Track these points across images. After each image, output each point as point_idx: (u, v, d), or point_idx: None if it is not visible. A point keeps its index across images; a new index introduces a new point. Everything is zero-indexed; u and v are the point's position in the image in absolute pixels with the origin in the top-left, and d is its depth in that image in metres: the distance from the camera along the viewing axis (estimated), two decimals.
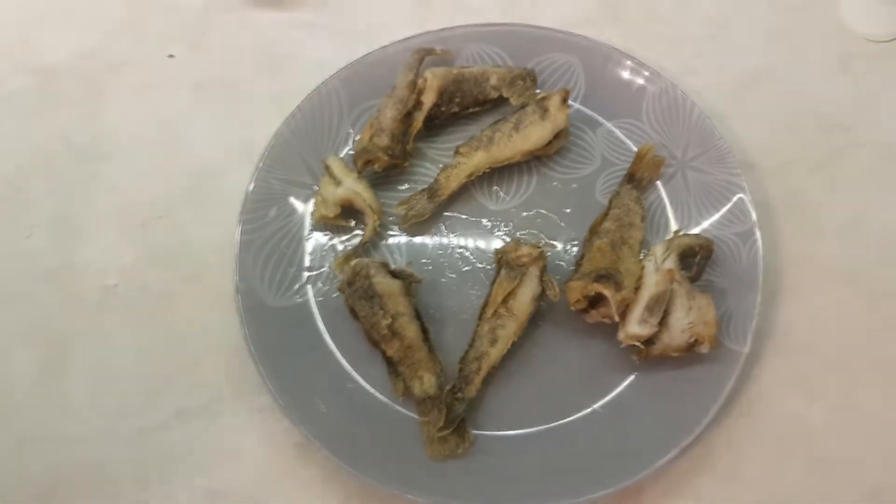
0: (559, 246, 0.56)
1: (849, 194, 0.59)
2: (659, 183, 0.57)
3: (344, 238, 0.56)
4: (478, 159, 0.56)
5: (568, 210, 0.57)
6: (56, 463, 0.51)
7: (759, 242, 0.53)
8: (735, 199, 0.54)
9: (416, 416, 0.50)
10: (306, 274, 0.54)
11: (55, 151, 0.61)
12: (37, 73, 0.64)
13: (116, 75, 0.63)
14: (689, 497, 0.50)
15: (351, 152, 0.57)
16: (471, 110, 0.59)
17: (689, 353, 0.50)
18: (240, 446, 0.51)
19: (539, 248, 0.52)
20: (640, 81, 0.58)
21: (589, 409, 0.50)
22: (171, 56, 0.64)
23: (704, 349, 0.49)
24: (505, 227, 0.56)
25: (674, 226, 0.56)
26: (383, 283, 0.50)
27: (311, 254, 0.55)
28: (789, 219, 0.58)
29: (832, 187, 0.59)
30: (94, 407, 0.53)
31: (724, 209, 0.54)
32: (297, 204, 0.56)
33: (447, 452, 0.48)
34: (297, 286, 0.54)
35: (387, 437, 0.49)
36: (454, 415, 0.49)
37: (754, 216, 0.53)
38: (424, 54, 0.59)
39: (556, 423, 0.50)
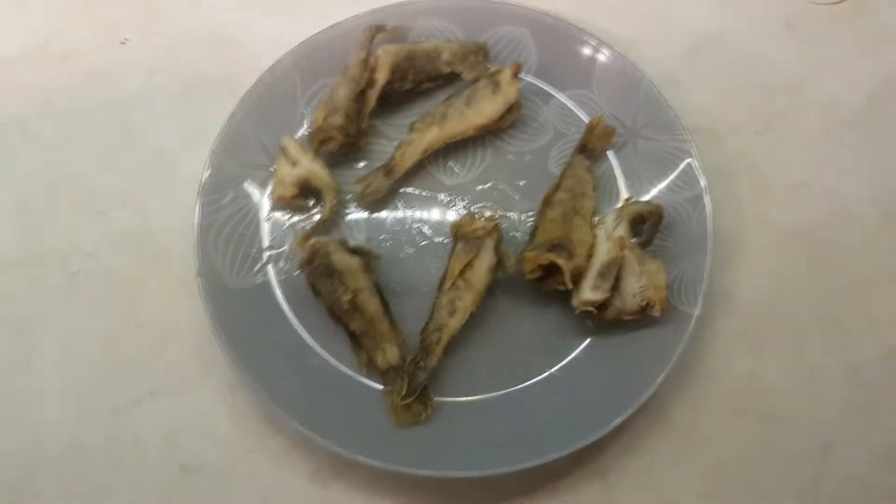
0: (514, 217, 0.57)
1: (795, 156, 0.60)
2: (610, 152, 0.58)
3: (303, 217, 0.56)
4: (432, 135, 0.56)
5: (522, 182, 0.58)
6: (28, 447, 0.52)
7: (709, 207, 0.54)
8: (683, 165, 0.55)
9: (380, 387, 0.51)
10: (267, 254, 0.55)
11: (12, 141, 0.61)
12: None
13: (70, 63, 0.63)
14: (646, 454, 0.52)
15: (307, 132, 0.58)
16: (424, 86, 0.59)
17: (642, 317, 0.51)
18: (210, 423, 0.52)
19: (494, 220, 0.53)
20: (590, 52, 0.59)
21: (546, 374, 0.52)
22: (123, 42, 0.64)
23: (656, 312, 0.51)
24: (461, 201, 0.57)
25: (625, 194, 0.57)
26: (342, 260, 0.51)
27: (270, 234, 0.56)
28: (738, 182, 0.59)
29: (779, 149, 0.61)
30: (64, 391, 0.53)
31: (674, 175, 0.56)
32: (255, 185, 0.56)
33: (411, 420, 0.50)
34: (258, 266, 0.54)
35: (353, 408, 0.50)
36: (416, 383, 0.50)
37: (703, 181, 0.54)
38: (376, 31, 0.59)
39: (516, 388, 0.51)
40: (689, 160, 0.55)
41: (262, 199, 0.56)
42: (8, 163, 0.60)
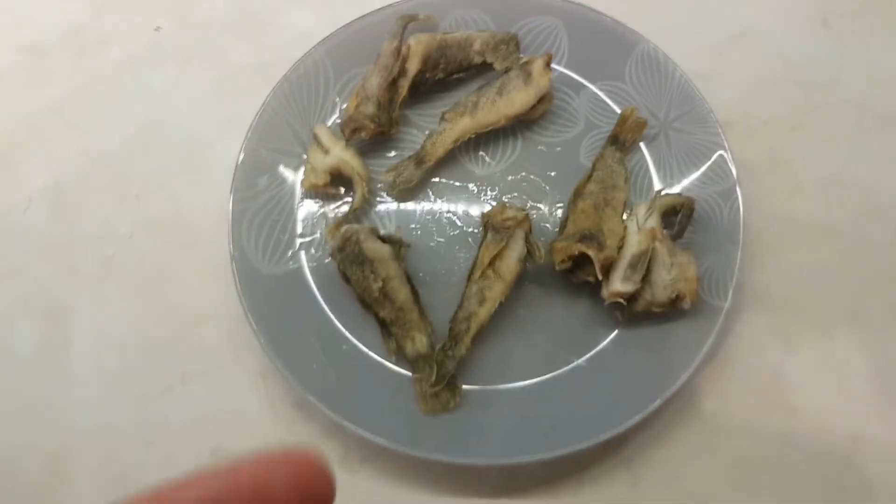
0: (544, 208, 0.57)
1: (827, 152, 0.60)
2: (642, 144, 0.58)
3: (334, 205, 0.57)
4: (463, 125, 0.57)
5: (553, 173, 0.58)
6: (62, 430, 0.53)
7: (740, 200, 0.54)
8: (716, 158, 0.55)
9: (409, 374, 0.52)
10: (299, 241, 0.55)
11: (48, 127, 0.62)
12: (27, 51, 0.65)
13: (105, 50, 0.64)
14: (672, 445, 0.52)
15: (338, 121, 0.58)
16: (455, 76, 0.59)
17: (672, 309, 0.51)
18: (241, 407, 0.53)
19: (524, 211, 0.53)
20: (622, 44, 0.59)
21: (574, 364, 0.52)
22: (157, 29, 0.65)
23: (686, 305, 0.51)
24: (491, 191, 0.57)
25: (657, 186, 0.57)
26: (373, 248, 0.51)
27: (302, 221, 0.56)
28: (769, 177, 0.59)
29: (811, 145, 0.60)
30: (97, 374, 0.54)
31: (706, 168, 0.55)
32: (288, 173, 0.57)
33: (440, 407, 0.50)
34: (290, 253, 0.55)
35: (382, 395, 0.51)
36: (445, 371, 0.50)
37: (735, 175, 0.54)
38: (408, 21, 0.59)
39: (544, 378, 0.52)
40: (721, 153, 0.55)
41: (295, 187, 0.57)
42: (43, 148, 0.61)
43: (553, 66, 0.58)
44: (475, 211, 0.57)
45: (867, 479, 0.51)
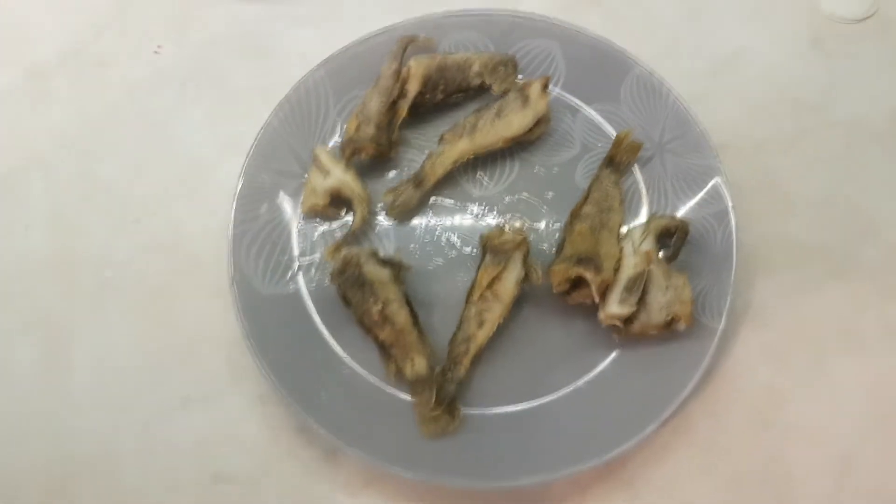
0: (542, 229, 0.57)
1: (819, 173, 0.61)
2: (636, 166, 0.58)
3: (334, 226, 0.57)
4: (462, 147, 0.57)
5: (550, 194, 0.58)
6: (62, 454, 0.53)
7: (734, 223, 0.54)
8: (710, 181, 0.56)
9: (409, 398, 0.52)
10: (298, 262, 0.56)
11: (47, 149, 0.62)
12: (25, 72, 0.64)
13: (104, 71, 0.64)
14: (671, 464, 0.52)
15: (339, 142, 0.58)
16: (454, 98, 0.60)
17: (667, 331, 0.52)
18: (242, 432, 0.53)
19: (522, 233, 0.54)
20: (618, 66, 0.60)
21: (573, 386, 0.52)
22: (157, 50, 0.65)
23: (681, 327, 0.51)
24: (490, 212, 0.58)
25: (651, 208, 0.57)
26: (373, 271, 0.52)
27: (302, 243, 0.56)
28: (762, 197, 0.60)
29: (803, 166, 0.61)
30: (97, 398, 0.54)
31: (700, 191, 0.56)
32: (288, 195, 0.57)
33: (440, 430, 0.50)
34: (289, 274, 0.55)
35: (382, 419, 0.51)
36: (445, 394, 0.51)
37: (729, 198, 0.55)
38: (407, 43, 0.59)
39: (543, 400, 0.52)
40: (716, 177, 0.56)
41: (295, 208, 0.57)
42: (42, 170, 0.61)
43: (549, 88, 0.59)
44: (474, 232, 0.57)
45: (860, 498, 0.52)
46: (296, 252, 0.56)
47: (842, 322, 0.56)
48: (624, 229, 0.56)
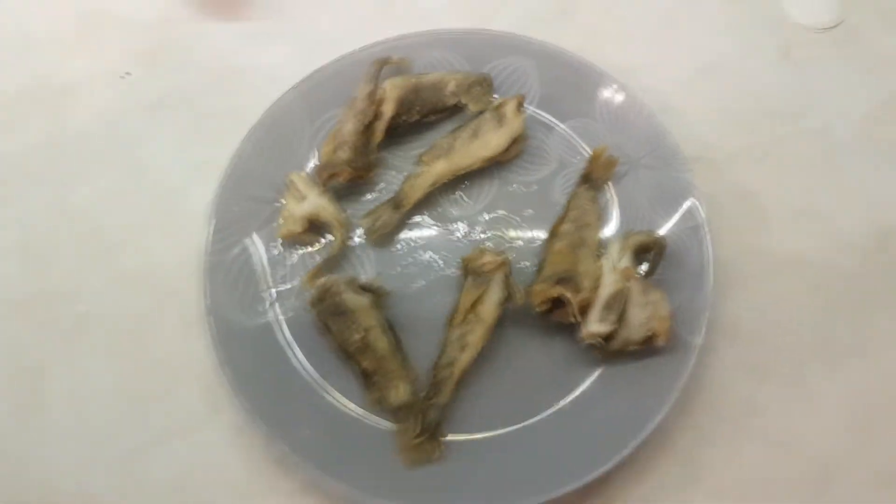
0: (522, 246, 0.57)
1: (793, 182, 0.61)
2: (611, 182, 0.58)
3: (312, 251, 0.56)
4: (440, 168, 0.57)
5: (528, 211, 0.58)
6: (39, 489, 0.52)
7: (708, 237, 0.55)
8: (684, 195, 0.56)
9: (390, 426, 0.51)
10: (275, 291, 0.55)
11: (14, 178, 0.60)
12: None
13: (70, 98, 0.63)
14: (653, 482, 0.52)
15: (316, 164, 0.58)
16: (430, 118, 0.60)
17: (647, 347, 0.52)
18: (221, 464, 0.52)
19: (502, 254, 0.54)
20: (591, 83, 0.60)
21: (555, 407, 0.52)
22: (124, 76, 0.64)
23: (661, 342, 0.51)
24: (470, 230, 0.58)
25: (627, 224, 0.57)
26: (353, 299, 0.51)
27: (279, 270, 0.56)
28: (737, 209, 0.60)
29: (777, 176, 0.62)
30: (73, 434, 0.53)
31: (675, 206, 0.56)
32: (263, 222, 0.56)
33: (423, 459, 0.50)
34: (266, 304, 0.54)
35: (363, 448, 0.50)
36: (429, 421, 0.50)
37: (703, 212, 0.55)
38: (382, 64, 0.59)
39: (525, 424, 0.52)
40: (690, 191, 0.56)
41: (271, 235, 0.56)
42: (11, 201, 0.60)
43: (524, 106, 0.58)
44: (454, 252, 0.57)
45: None
46: (271, 281, 0.55)
47: (819, 332, 0.57)
48: (603, 237, 0.56)
